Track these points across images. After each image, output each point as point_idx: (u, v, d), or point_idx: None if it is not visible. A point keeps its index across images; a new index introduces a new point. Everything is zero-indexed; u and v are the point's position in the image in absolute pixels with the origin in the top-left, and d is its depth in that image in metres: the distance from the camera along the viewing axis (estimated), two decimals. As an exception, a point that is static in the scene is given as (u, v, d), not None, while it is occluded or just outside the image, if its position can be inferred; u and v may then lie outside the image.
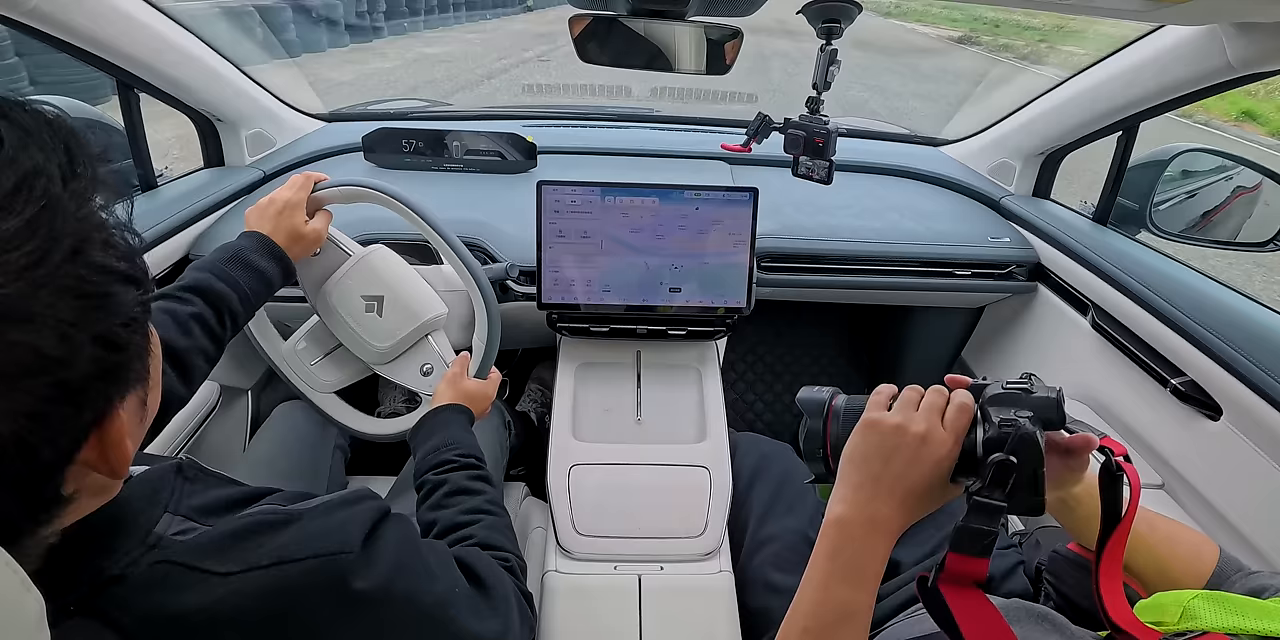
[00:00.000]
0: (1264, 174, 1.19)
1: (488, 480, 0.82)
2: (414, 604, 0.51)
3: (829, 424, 0.62)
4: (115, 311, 0.35)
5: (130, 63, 1.13)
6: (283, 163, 1.49)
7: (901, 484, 0.56)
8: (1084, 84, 1.29)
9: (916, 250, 1.37)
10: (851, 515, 0.56)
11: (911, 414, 0.57)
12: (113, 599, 0.41)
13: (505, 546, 0.72)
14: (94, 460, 0.37)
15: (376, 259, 1.04)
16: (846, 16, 0.93)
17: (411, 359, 1.06)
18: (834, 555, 0.56)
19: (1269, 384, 0.90)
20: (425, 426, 0.90)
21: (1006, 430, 0.53)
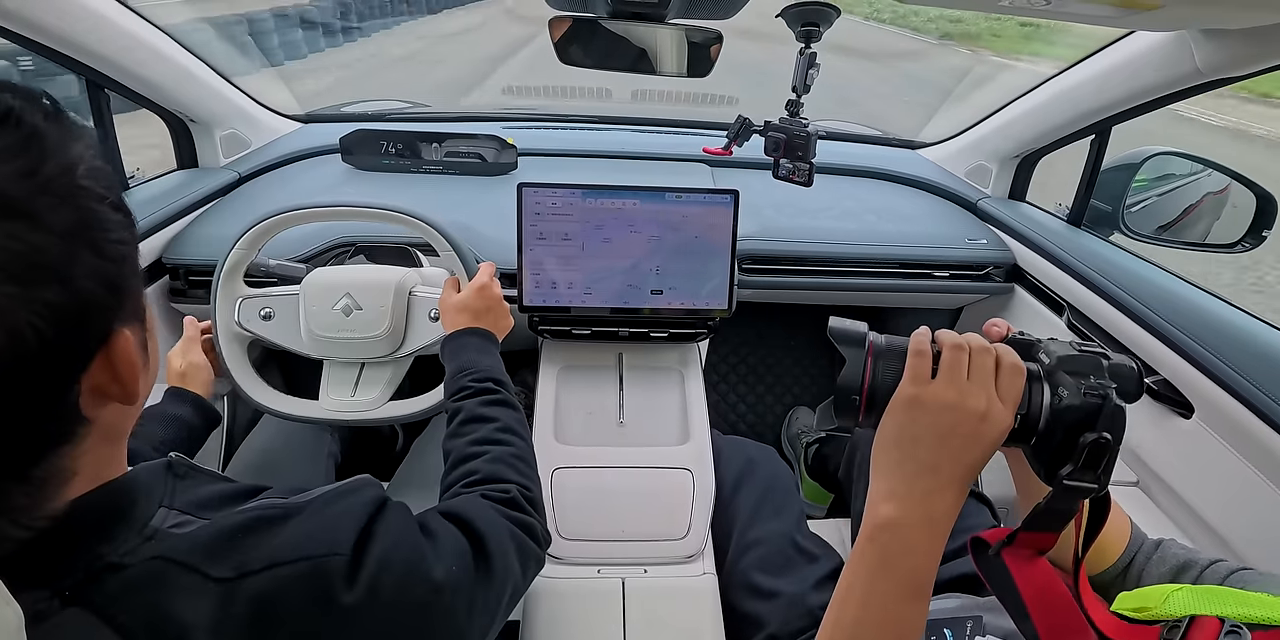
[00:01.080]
0: (1231, 177, 1.22)
1: (503, 403, 0.82)
2: (406, 598, 0.50)
3: (869, 360, 0.53)
4: (107, 227, 0.39)
5: (99, 61, 1.11)
6: (258, 164, 1.47)
7: (960, 469, 0.49)
8: (1058, 88, 1.32)
9: (896, 252, 1.38)
10: (906, 516, 0.49)
11: (964, 384, 0.49)
12: (109, 592, 0.41)
13: (507, 477, 0.71)
14: (105, 382, 0.40)
15: (318, 275, 1.03)
16: (825, 20, 0.93)
17: (417, 320, 1.04)
18: (888, 567, 0.49)
19: (1239, 382, 0.92)
20: (444, 354, 0.91)
21: (1093, 402, 0.47)
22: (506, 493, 0.69)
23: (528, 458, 0.77)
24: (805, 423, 1.79)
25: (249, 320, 1.02)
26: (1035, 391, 0.50)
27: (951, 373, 0.50)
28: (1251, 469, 0.91)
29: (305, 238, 1.20)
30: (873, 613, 0.49)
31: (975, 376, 0.50)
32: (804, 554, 0.98)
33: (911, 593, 0.49)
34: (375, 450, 1.42)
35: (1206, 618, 0.49)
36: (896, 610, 0.49)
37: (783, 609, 0.91)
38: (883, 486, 0.51)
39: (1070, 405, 0.48)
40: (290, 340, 1.03)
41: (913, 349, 0.52)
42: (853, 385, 0.53)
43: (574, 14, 0.93)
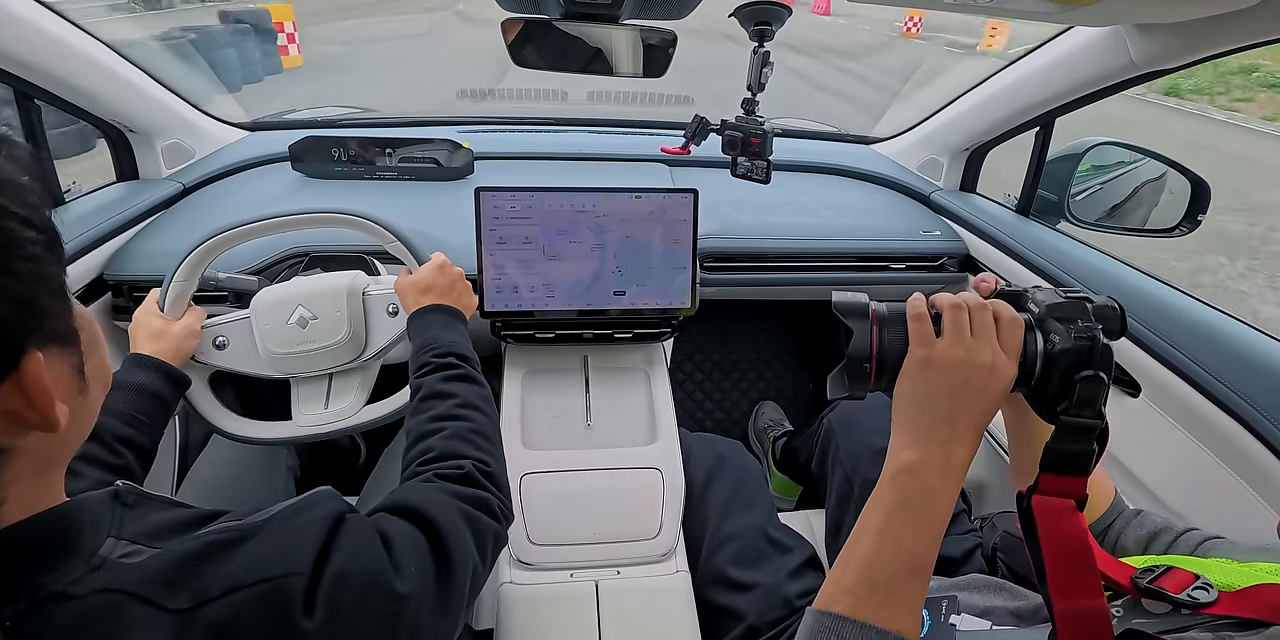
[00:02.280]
0: (1168, 164, 1.27)
1: (464, 377, 0.81)
2: (368, 611, 0.49)
3: (875, 329, 0.56)
4: (13, 245, 0.37)
5: (28, 71, 1.06)
6: (204, 174, 1.43)
7: (973, 419, 0.53)
8: (1003, 83, 1.35)
9: (853, 246, 1.40)
10: (925, 462, 0.53)
11: (969, 341, 0.53)
12: (59, 625, 0.39)
13: (463, 453, 0.71)
14: (19, 408, 0.38)
15: (265, 294, 1.00)
16: (777, 19, 0.94)
17: (376, 319, 1.01)
18: (907, 505, 0.52)
19: (1181, 362, 0.96)
20: (410, 334, 0.89)
21: (1083, 344, 0.51)
22: (460, 469, 0.68)
23: (487, 432, 0.76)
24: (771, 417, 1.81)
25: (204, 351, 0.98)
26: (1029, 339, 0.54)
27: (956, 331, 0.54)
28: (1196, 443, 0.95)
29: (257, 250, 1.16)
30: (888, 543, 0.52)
31: (979, 332, 0.53)
32: (777, 546, 0.99)
33: (926, 529, 0.52)
34: (336, 462, 1.39)
35: (1181, 570, 0.52)
36: (910, 543, 0.51)
37: (759, 600, 0.92)
38: (903, 438, 0.55)
39: (1064, 349, 0.52)
40: (250, 364, 1.00)
41: (911, 314, 0.55)
42: (863, 354, 0.56)
43: (526, 16, 0.92)
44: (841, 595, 0.51)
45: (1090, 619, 0.48)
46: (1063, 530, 0.50)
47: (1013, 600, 0.72)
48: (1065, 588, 0.49)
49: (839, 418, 1.20)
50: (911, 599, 0.51)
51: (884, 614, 0.49)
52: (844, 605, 0.50)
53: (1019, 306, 0.56)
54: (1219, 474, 0.91)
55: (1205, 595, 0.50)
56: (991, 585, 0.76)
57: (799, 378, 2.03)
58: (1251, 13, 0.80)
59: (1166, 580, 0.52)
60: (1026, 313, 0.55)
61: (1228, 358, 0.93)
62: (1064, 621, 0.48)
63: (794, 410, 1.90)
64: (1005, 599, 0.73)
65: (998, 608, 0.71)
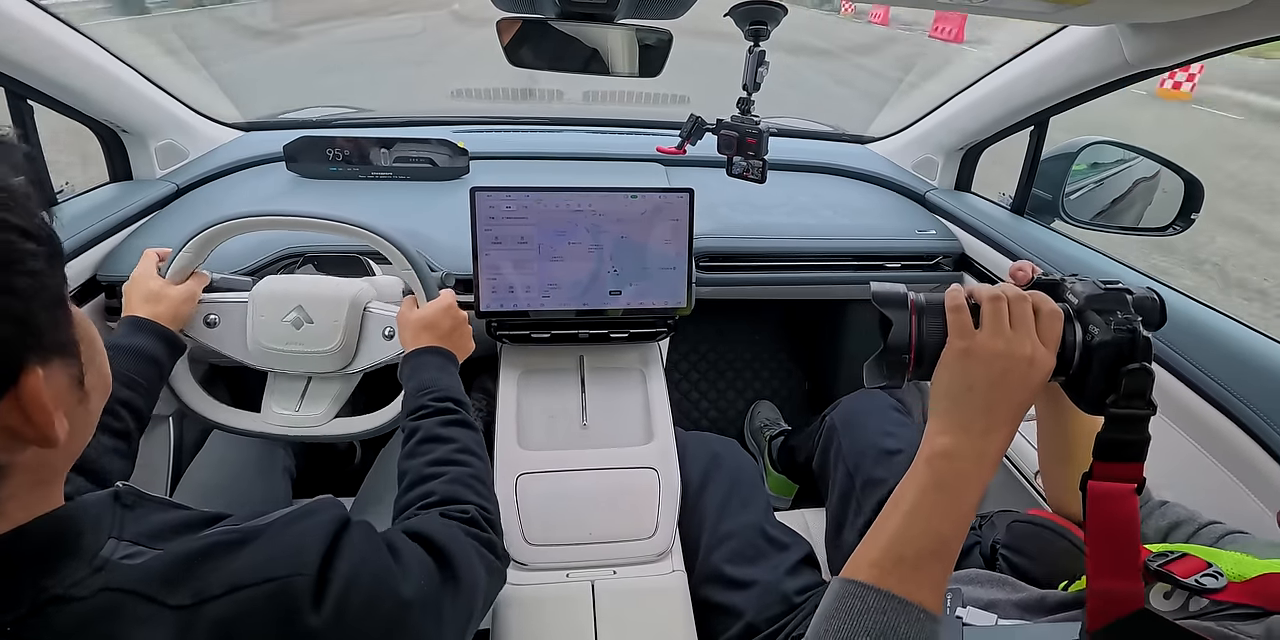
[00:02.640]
0: (1161, 163, 1.27)
1: (461, 423, 0.81)
2: (373, 615, 0.49)
3: (914, 319, 0.56)
4: (12, 259, 0.36)
5: (20, 71, 1.05)
6: (198, 174, 1.42)
7: (1011, 410, 0.53)
8: (997, 82, 1.36)
9: (849, 245, 1.40)
10: (962, 449, 0.53)
11: (1008, 333, 0.53)
12: (59, 627, 0.39)
13: (465, 498, 0.71)
14: (17, 424, 0.37)
15: (268, 285, 0.99)
16: (772, 18, 0.94)
17: (370, 336, 1.01)
18: (940, 488, 0.53)
19: (1177, 362, 0.96)
20: (403, 373, 0.89)
21: (1123, 335, 0.51)
22: (465, 513, 0.69)
23: (485, 479, 0.77)
24: (767, 416, 1.81)
25: (192, 326, 0.97)
26: (1067, 330, 0.54)
27: (996, 323, 0.54)
28: (1193, 444, 0.95)
29: (252, 249, 1.16)
30: (916, 523, 0.52)
31: (1018, 324, 0.53)
32: (774, 543, 1.00)
33: (955, 511, 0.52)
34: (332, 464, 1.39)
35: (1194, 557, 0.53)
36: (938, 524, 0.52)
37: (757, 597, 0.92)
38: (940, 425, 0.55)
39: (1103, 341, 0.52)
40: (234, 349, 0.99)
41: (950, 305, 0.55)
42: (902, 343, 0.56)
43: (522, 15, 0.92)
44: (867, 567, 0.52)
45: (1124, 600, 0.49)
46: (1116, 513, 0.50)
47: (1015, 593, 0.73)
48: (1106, 566, 0.49)
49: (841, 417, 1.21)
50: (935, 578, 0.52)
51: (908, 587, 0.50)
52: (869, 575, 0.51)
53: (1057, 296, 0.56)
54: (1215, 475, 0.92)
55: (1213, 582, 0.51)
56: (992, 579, 0.77)
57: (794, 377, 2.03)
58: (1244, 12, 0.80)
59: (1177, 565, 0.53)
60: (1065, 303, 0.55)
61: (1225, 359, 0.94)
62: (1097, 598, 0.49)
63: (789, 409, 1.91)
64: (1007, 592, 0.74)
65: (1001, 600, 0.71)
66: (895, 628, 0.48)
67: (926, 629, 0.49)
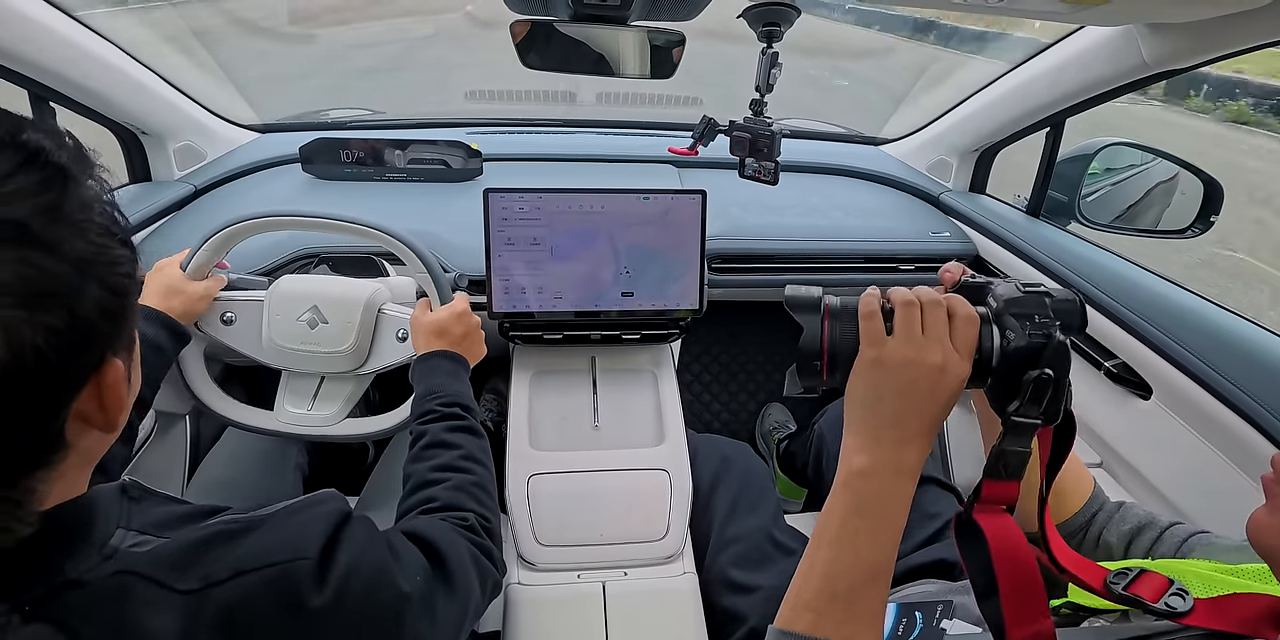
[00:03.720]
0: (1180, 165, 1.26)
1: (468, 429, 0.81)
2: (372, 605, 0.50)
3: (826, 324, 0.54)
4: (115, 262, 0.41)
5: (42, 74, 1.07)
6: (215, 176, 1.44)
7: (924, 420, 0.51)
8: (1012, 83, 1.35)
9: (862, 247, 1.40)
10: (876, 465, 0.51)
11: (919, 340, 0.51)
12: (73, 607, 0.41)
13: (465, 506, 0.72)
14: (91, 409, 0.42)
15: (285, 284, 1.00)
16: (785, 20, 0.94)
17: (384, 338, 1.01)
18: (860, 511, 0.51)
19: (1194, 364, 0.95)
20: (414, 376, 0.89)
21: (1038, 341, 0.49)
22: (465, 520, 0.69)
23: (488, 487, 0.77)
24: (778, 419, 1.80)
25: (209, 323, 0.99)
26: (985, 335, 0.52)
27: (907, 330, 0.51)
28: (1208, 446, 0.94)
29: (268, 249, 1.17)
30: (845, 552, 0.50)
31: (930, 331, 0.51)
32: (781, 548, 0.99)
33: (882, 535, 0.50)
34: (344, 462, 1.40)
35: (1155, 574, 0.51)
36: (868, 550, 0.50)
37: (763, 603, 0.92)
38: (854, 441, 0.53)
39: (1018, 347, 0.50)
40: (249, 347, 1.00)
41: (862, 312, 0.53)
42: (812, 349, 0.54)
43: (535, 17, 0.92)
44: (802, 612, 0.51)
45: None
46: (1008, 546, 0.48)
47: None
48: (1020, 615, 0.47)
49: (829, 423, 1.20)
50: (872, 608, 0.50)
51: (846, 630, 0.49)
52: (805, 623, 0.50)
53: (978, 299, 0.54)
54: (1231, 477, 0.91)
55: (1181, 603, 0.49)
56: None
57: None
58: (1264, 12, 0.79)
59: (1141, 586, 0.51)
60: (985, 307, 0.53)
61: (1241, 360, 0.93)
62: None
63: (801, 412, 1.90)
64: None
65: None
66: None
67: None
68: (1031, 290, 0.52)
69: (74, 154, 0.42)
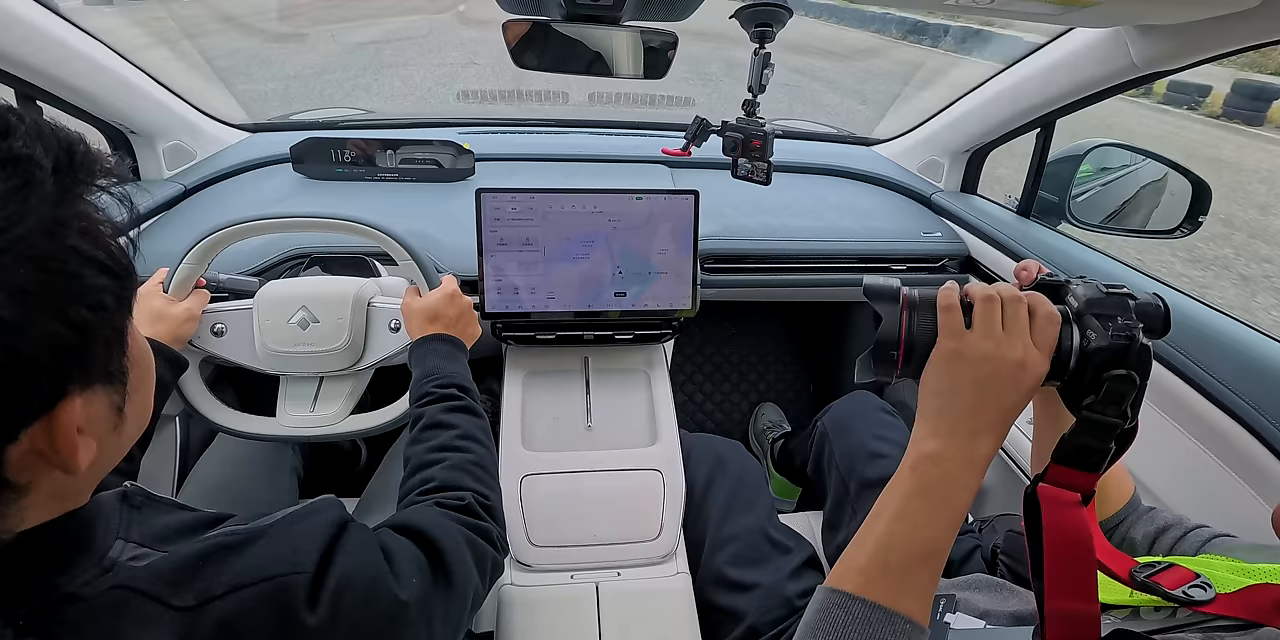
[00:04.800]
0: (1169, 166, 1.27)
1: (465, 409, 0.81)
2: (368, 614, 0.49)
3: (904, 314, 0.55)
4: (80, 292, 0.36)
5: (29, 72, 1.06)
6: (205, 175, 1.43)
7: (999, 413, 0.51)
8: (1003, 84, 1.35)
9: (854, 247, 1.40)
10: (948, 452, 0.51)
11: (999, 336, 0.52)
12: (68, 622, 0.40)
13: (463, 485, 0.71)
14: (43, 449, 0.37)
15: (272, 288, 1.00)
16: (778, 20, 0.94)
17: (377, 331, 1.01)
18: (925, 493, 0.51)
19: (1181, 362, 0.96)
20: (411, 361, 0.89)
21: (1120, 342, 0.50)
22: (461, 500, 0.68)
23: (487, 465, 0.77)
24: (771, 418, 1.81)
25: (200, 337, 0.98)
26: (1065, 334, 0.52)
27: (987, 325, 0.52)
28: (1196, 444, 0.95)
29: (258, 250, 1.17)
30: (903, 529, 0.51)
31: (1010, 327, 0.52)
32: (777, 546, 1.00)
33: (942, 516, 0.51)
34: (339, 464, 1.40)
35: (1182, 567, 0.52)
36: (927, 528, 0.51)
37: (760, 600, 0.92)
38: (926, 428, 0.53)
39: (1099, 347, 0.50)
40: (244, 356, 1.00)
41: (941, 305, 0.54)
42: (890, 339, 0.55)
43: (528, 17, 0.92)
44: (852, 574, 0.51)
45: (1081, 621, 0.47)
46: (1065, 524, 0.49)
47: (1013, 602, 0.73)
48: (1060, 587, 0.48)
49: (832, 421, 1.21)
50: (922, 585, 0.50)
51: (894, 596, 0.49)
52: (854, 584, 0.50)
53: (1058, 299, 0.55)
54: (1218, 474, 0.91)
55: (1202, 594, 0.50)
56: (993, 585, 0.77)
57: (799, 379, 2.02)
58: (1252, 14, 0.80)
59: (1165, 576, 0.52)
60: (1065, 306, 0.54)
61: (1228, 359, 0.93)
62: (1054, 622, 0.48)
63: (794, 412, 1.90)
64: (1005, 600, 0.73)
65: (995, 611, 0.71)
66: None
67: (912, 638, 0.48)
68: (1115, 292, 0.53)
69: (65, 166, 0.37)
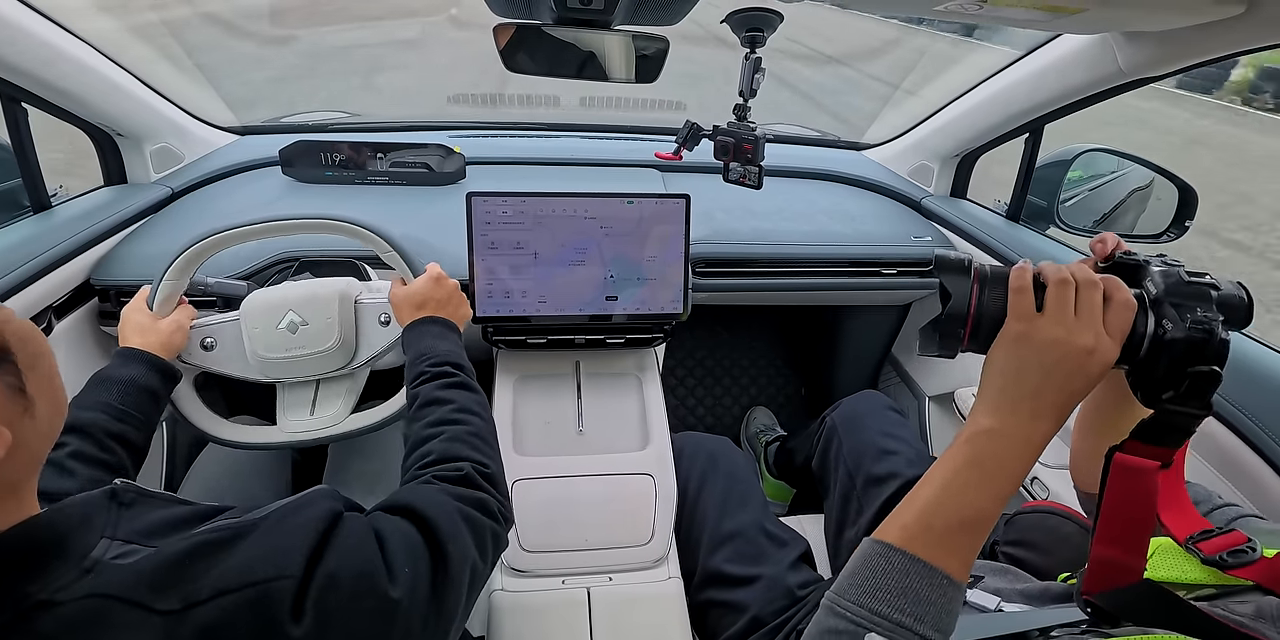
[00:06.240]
0: (1155, 171, 1.28)
1: (460, 385, 0.81)
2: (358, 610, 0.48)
3: (975, 289, 0.53)
4: None
5: (14, 74, 1.05)
6: (193, 178, 1.42)
7: (1063, 397, 0.50)
8: (992, 89, 1.36)
9: (845, 251, 1.41)
10: (1005, 430, 0.51)
11: (1070, 321, 0.50)
12: (44, 632, 0.39)
13: (462, 455, 0.71)
14: None
15: (257, 297, 0.98)
16: (769, 25, 0.95)
17: (367, 327, 1.00)
18: (977, 465, 0.51)
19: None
20: (404, 346, 0.89)
21: (1198, 335, 0.48)
22: (459, 470, 0.68)
23: (485, 435, 0.76)
24: (763, 422, 1.81)
25: (190, 353, 0.96)
26: (1139, 321, 0.50)
27: (1060, 309, 0.50)
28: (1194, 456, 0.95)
29: (246, 254, 1.16)
30: (951, 495, 0.51)
31: (1083, 313, 0.50)
32: (774, 539, 1.00)
33: (991, 487, 0.50)
34: None
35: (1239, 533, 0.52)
36: (973, 497, 0.50)
37: (762, 591, 0.93)
38: (985, 406, 0.52)
39: (1174, 338, 0.49)
40: (237, 367, 0.98)
41: (1014, 286, 0.52)
42: (960, 313, 0.53)
43: (519, 21, 0.92)
44: (896, 530, 0.51)
45: (1124, 570, 0.48)
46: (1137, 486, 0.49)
47: (1020, 582, 0.74)
48: (1114, 536, 0.48)
49: (842, 417, 1.21)
50: (964, 548, 0.50)
51: (934, 552, 0.49)
52: (896, 537, 0.50)
53: (1136, 280, 0.53)
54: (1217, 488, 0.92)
55: (1246, 556, 0.50)
56: (996, 569, 0.78)
57: (790, 383, 2.03)
58: (1237, 21, 0.81)
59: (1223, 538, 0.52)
60: (1142, 290, 0.52)
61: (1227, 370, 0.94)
62: (1098, 565, 0.48)
63: (785, 415, 1.90)
64: (1011, 581, 0.75)
65: (1005, 589, 0.72)
66: (917, 590, 0.48)
67: (948, 594, 0.48)
68: (1197, 280, 0.50)
69: None
